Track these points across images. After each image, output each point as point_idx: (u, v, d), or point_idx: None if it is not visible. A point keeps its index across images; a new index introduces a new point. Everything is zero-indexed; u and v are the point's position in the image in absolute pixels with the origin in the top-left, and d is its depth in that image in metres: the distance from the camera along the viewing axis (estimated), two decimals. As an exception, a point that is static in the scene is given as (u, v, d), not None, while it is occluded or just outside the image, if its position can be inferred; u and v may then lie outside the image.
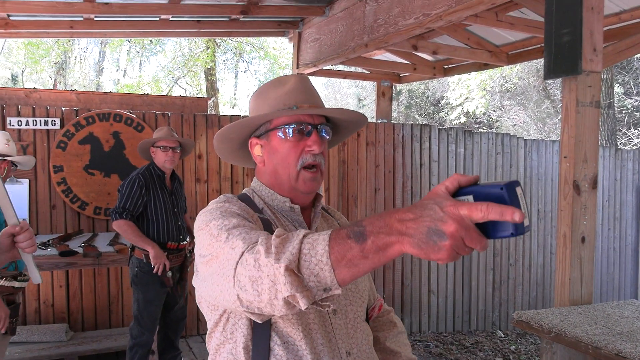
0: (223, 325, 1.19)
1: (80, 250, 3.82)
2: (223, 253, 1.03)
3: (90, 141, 4.77)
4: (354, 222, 0.90)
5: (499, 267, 6.29)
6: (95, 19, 4.71)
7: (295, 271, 0.89)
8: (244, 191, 1.38)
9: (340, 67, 8.38)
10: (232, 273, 0.97)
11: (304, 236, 0.92)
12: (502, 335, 6.06)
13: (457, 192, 0.86)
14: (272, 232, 1.19)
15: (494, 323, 6.30)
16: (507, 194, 0.80)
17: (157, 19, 4.87)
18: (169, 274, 3.64)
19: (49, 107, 4.73)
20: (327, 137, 1.33)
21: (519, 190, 0.82)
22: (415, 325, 5.92)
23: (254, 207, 1.29)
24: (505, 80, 15.13)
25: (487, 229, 0.81)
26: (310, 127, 1.28)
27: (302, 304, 0.90)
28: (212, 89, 15.46)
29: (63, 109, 4.79)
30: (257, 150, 1.34)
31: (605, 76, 9.62)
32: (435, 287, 5.98)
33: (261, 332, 1.16)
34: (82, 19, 4.66)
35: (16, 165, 3.30)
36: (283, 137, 1.28)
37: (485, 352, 5.49)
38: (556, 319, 2.32)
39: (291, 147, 1.28)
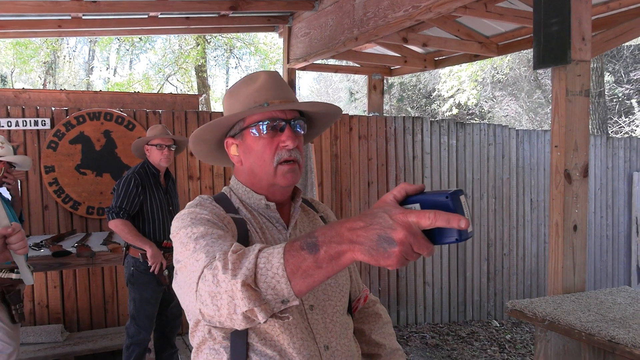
0: (203, 323, 1.20)
1: (73, 250, 3.81)
2: (190, 264, 1.05)
3: (81, 141, 4.75)
4: (307, 234, 0.93)
5: (493, 257, 6.33)
6: (84, 17, 4.68)
7: (252, 286, 0.91)
8: (223, 190, 1.39)
9: (331, 61, 8.37)
10: (194, 287, 0.99)
11: (260, 250, 0.95)
12: (498, 325, 6.10)
13: (405, 201, 0.89)
14: (246, 232, 1.24)
15: (489, 313, 6.34)
16: (451, 202, 0.84)
17: (146, 16, 4.84)
18: (166, 272, 3.64)
19: (38, 107, 4.70)
20: (302, 131, 1.32)
21: (462, 198, 0.86)
22: (411, 316, 5.94)
23: (229, 206, 1.30)
24: (496, 71, 15.16)
25: (434, 236, 0.85)
26: (283, 122, 1.28)
27: (261, 318, 0.93)
28: (203, 85, 15.42)
29: (53, 108, 4.76)
30: (233, 150, 1.35)
31: (595, 65, 9.65)
32: (431, 279, 6.00)
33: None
34: (70, 17, 4.63)
35: (14, 166, 3.29)
36: (257, 134, 1.28)
37: (481, 341, 5.52)
38: (550, 307, 2.34)
39: (266, 144, 1.28)
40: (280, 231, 1.33)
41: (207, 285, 0.96)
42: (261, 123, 1.27)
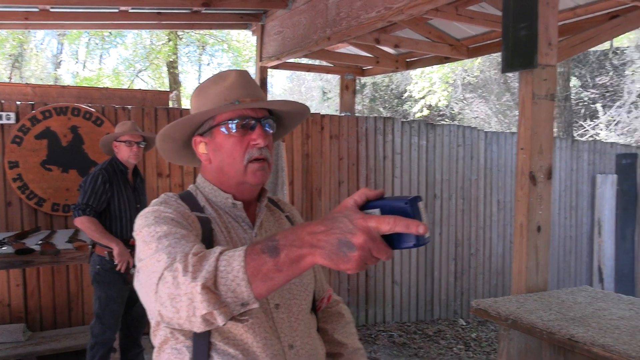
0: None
1: (37, 248, 3.72)
2: (151, 264, 1.04)
3: (47, 136, 4.65)
4: (267, 237, 0.94)
5: (460, 257, 6.42)
6: (52, 10, 4.58)
7: (212, 289, 0.92)
8: (188, 187, 1.38)
9: (304, 60, 8.37)
10: (154, 289, 0.99)
11: (221, 253, 0.95)
12: (464, 324, 6.19)
13: (366, 206, 0.91)
14: (210, 231, 1.24)
15: (456, 312, 6.43)
16: (410, 208, 0.87)
17: (116, 10, 4.76)
18: (133, 271, 3.59)
19: (3, 101, 4.59)
20: (271, 130, 1.33)
21: (421, 204, 0.89)
22: (380, 315, 5.99)
23: (195, 204, 1.29)
24: (467, 74, 15.38)
25: (392, 241, 0.88)
26: (253, 121, 1.28)
27: (220, 321, 0.94)
28: (175, 82, 15.25)
29: (18, 102, 4.65)
30: (201, 148, 1.33)
31: (562, 69, 9.87)
32: (399, 278, 6.06)
33: None
34: (37, 10, 4.53)
35: None
36: (227, 132, 1.28)
37: (448, 340, 5.60)
38: (513, 306, 2.39)
39: (236, 142, 1.27)
40: (246, 230, 1.32)
41: (166, 287, 0.96)
42: (231, 121, 1.27)
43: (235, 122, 1.27)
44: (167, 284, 0.96)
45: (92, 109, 4.80)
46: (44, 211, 4.62)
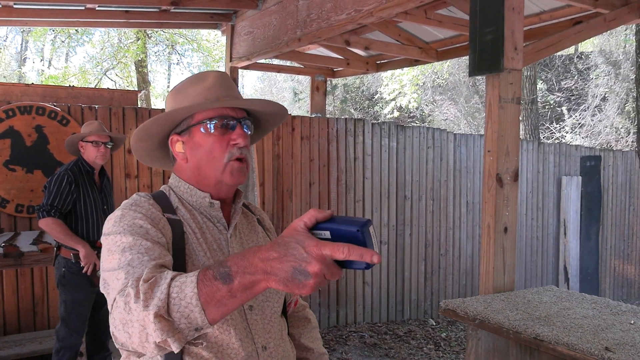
0: None
1: (0, 250, 3.63)
2: (110, 281, 1.05)
3: (11, 135, 4.53)
4: (219, 262, 0.94)
5: (430, 257, 6.49)
6: (15, 6, 4.47)
7: (165, 316, 0.91)
8: (161, 188, 1.36)
9: (275, 61, 8.35)
10: (110, 309, 0.99)
11: (172, 279, 0.94)
12: (434, 324, 6.26)
13: (315, 227, 0.91)
14: (182, 234, 1.22)
15: (426, 312, 6.50)
16: (361, 235, 0.87)
17: (83, 7, 4.67)
18: (99, 273, 3.52)
19: (-36, 100, 4.46)
20: (249, 132, 1.32)
21: (371, 229, 0.89)
22: (351, 316, 6.01)
23: (167, 206, 1.27)
24: (436, 76, 15.56)
25: (344, 262, 0.88)
26: (233, 120, 1.27)
27: (174, 347, 0.93)
28: (143, 81, 15.03)
29: (-20, 101, 4.52)
30: (178, 147, 1.31)
31: (529, 73, 10.06)
32: (370, 279, 6.09)
33: None
34: (0, 6, 4.41)
35: None
36: (205, 131, 1.27)
37: (418, 340, 5.66)
38: (480, 306, 2.42)
39: (215, 141, 1.26)
40: (221, 231, 1.31)
41: (119, 312, 0.96)
42: (211, 120, 1.26)
43: (215, 121, 1.26)
44: (119, 309, 0.96)
45: (58, 108, 4.70)
46: (7, 212, 4.50)
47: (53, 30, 15.31)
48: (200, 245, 1.24)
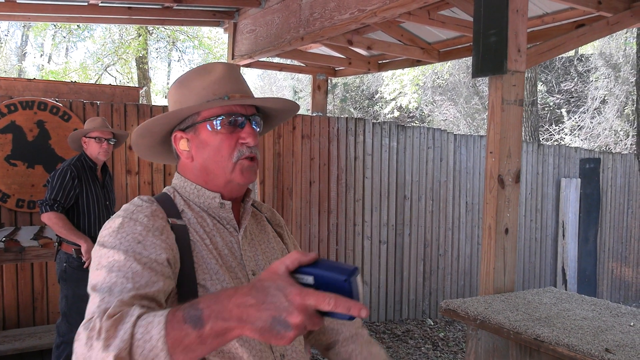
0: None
1: (1, 245, 3.63)
2: (90, 300, 0.98)
3: (12, 130, 4.53)
4: (190, 303, 0.86)
5: (429, 257, 6.50)
6: (18, 1, 4.47)
7: (127, 358, 0.83)
8: (164, 189, 1.27)
9: (276, 59, 8.35)
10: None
11: (138, 317, 0.86)
12: (432, 324, 6.27)
13: (297, 270, 0.84)
14: (187, 241, 1.13)
15: (424, 312, 6.51)
16: (348, 285, 0.80)
17: (86, 3, 4.68)
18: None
19: (-34, 94, 4.46)
20: (258, 129, 1.25)
21: (358, 278, 0.82)
22: (349, 315, 6.01)
23: (172, 209, 1.19)
24: (437, 76, 15.58)
25: (327, 312, 0.81)
26: (243, 118, 1.20)
27: None
28: (144, 77, 15.03)
29: (-18, 95, 4.52)
30: (182, 145, 1.23)
31: (529, 75, 10.08)
32: (369, 278, 6.11)
33: None
34: (3, 1, 4.41)
35: None
36: (213, 129, 1.19)
37: (416, 339, 5.67)
38: (481, 306, 2.44)
39: (223, 139, 1.19)
40: (232, 233, 1.24)
41: (80, 346, 0.88)
42: (219, 118, 1.18)
43: (222, 118, 1.18)
44: (81, 342, 0.88)
45: (60, 104, 4.70)
46: (7, 207, 4.51)
47: (54, 26, 15.30)
48: (210, 252, 1.16)
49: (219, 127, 1.19)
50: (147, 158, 1.38)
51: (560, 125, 15.14)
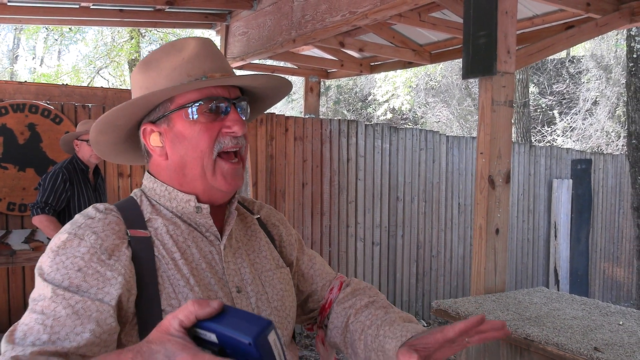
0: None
1: (-8, 248, 3.62)
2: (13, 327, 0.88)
3: (3, 133, 4.51)
4: None
5: (422, 258, 6.52)
6: (9, 4, 4.45)
7: None
8: (133, 192, 1.07)
9: (269, 62, 8.35)
10: None
11: None
12: (425, 325, 6.28)
13: (198, 324, 0.69)
14: (151, 257, 0.95)
15: (418, 313, 6.52)
16: (256, 350, 0.65)
17: (77, 6, 4.66)
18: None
19: (-44, 97, 4.44)
20: (244, 117, 1.04)
21: (271, 336, 0.67)
22: (342, 317, 6.01)
23: (137, 218, 0.99)
24: (429, 78, 15.63)
25: None
26: (226, 102, 1.00)
27: None
28: (137, 80, 14.98)
29: (-28, 98, 4.51)
30: (153, 140, 1.02)
31: (521, 76, 10.13)
32: (361, 279, 6.11)
33: None
34: (-7, 3, 4.40)
35: None
36: (191, 118, 0.99)
37: (409, 341, 5.68)
38: (472, 306, 2.45)
39: (203, 129, 0.98)
40: (212, 242, 1.03)
41: None
42: (196, 104, 0.98)
43: (201, 104, 0.98)
44: None
45: (51, 107, 4.69)
46: (-2, 211, 4.49)
47: (46, 29, 15.25)
48: (178, 270, 0.96)
49: (196, 116, 0.98)
50: (110, 159, 1.15)
51: (552, 126, 15.22)
